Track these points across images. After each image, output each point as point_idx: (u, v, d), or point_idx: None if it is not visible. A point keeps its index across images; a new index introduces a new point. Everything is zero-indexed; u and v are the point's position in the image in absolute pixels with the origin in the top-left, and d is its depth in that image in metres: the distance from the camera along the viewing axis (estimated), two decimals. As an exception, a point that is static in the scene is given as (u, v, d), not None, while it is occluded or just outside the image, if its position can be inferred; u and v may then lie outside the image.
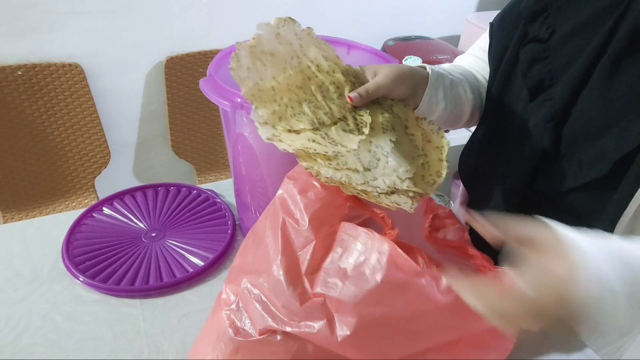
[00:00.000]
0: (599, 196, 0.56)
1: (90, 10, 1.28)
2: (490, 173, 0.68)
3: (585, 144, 0.55)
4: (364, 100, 0.55)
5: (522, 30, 0.62)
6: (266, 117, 0.54)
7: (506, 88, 0.65)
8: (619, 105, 0.52)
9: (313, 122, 0.54)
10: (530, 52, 0.60)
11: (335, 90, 0.56)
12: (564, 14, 0.58)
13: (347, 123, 0.55)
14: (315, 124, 0.54)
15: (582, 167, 0.55)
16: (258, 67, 0.56)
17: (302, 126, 0.53)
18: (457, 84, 0.68)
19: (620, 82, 0.52)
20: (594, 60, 0.54)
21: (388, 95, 0.58)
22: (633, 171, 0.52)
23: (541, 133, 0.58)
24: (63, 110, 1.35)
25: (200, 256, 0.78)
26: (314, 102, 0.55)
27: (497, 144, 0.67)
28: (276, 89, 0.56)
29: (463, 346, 0.53)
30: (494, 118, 0.68)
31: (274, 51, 0.57)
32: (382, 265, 0.47)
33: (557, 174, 0.58)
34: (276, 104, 0.55)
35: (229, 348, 0.53)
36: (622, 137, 0.52)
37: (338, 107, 0.55)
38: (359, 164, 0.51)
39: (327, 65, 0.57)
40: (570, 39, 0.57)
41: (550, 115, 0.57)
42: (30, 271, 0.75)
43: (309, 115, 0.54)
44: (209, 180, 1.59)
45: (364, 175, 0.51)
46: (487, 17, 1.61)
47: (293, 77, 0.56)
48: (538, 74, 0.59)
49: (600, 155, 0.53)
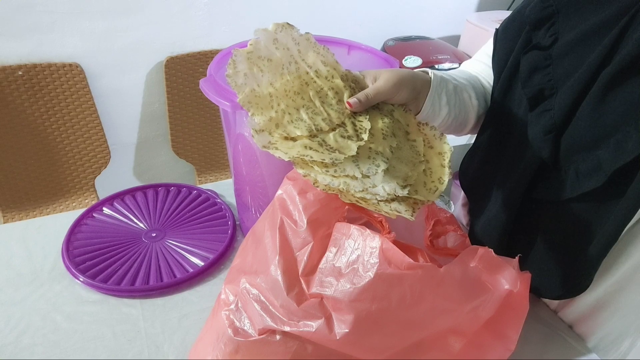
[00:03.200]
0: (598, 207, 0.55)
1: (90, 10, 1.28)
2: (490, 180, 0.68)
3: (582, 154, 0.55)
4: (363, 105, 0.55)
5: (526, 37, 0.61)
6: (263, 124, 0.53)
7: (507, 96, 0.65)
8: (616, 117, 0.51)
9: (311, 129, 0.53)
10: (530, 60, 0.59)
11: (334, 96, 0.55)
12: (569, 22, 0.57)
13: (346, 129, 0.54)
14: (313, 131, 0.52)
15: (579, 177, 0.55)
16: (255, 73, 0.55)
17: (299, 133, 0.52)
18: (462, 90, 0.67)
19: (619, 94, 0.51)
20: (596, 71, 0.53)
21: (388, 100, 0.57)
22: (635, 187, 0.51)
23: (540, 144, 0.57)
24: (63, 110, 1.35)
25: (200, 256, 0.78)
26: (312, 108, 0.54)
27: (497, 151, 0.67)
28: (273, 95, 0.55)
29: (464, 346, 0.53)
30: (496, 125, 0.68)
31: (272, 57, 0.56)
32: (374, 260, 0.47)
33: (556, 184, 0.57)
34: (273, 110, 0.54)
35: (229, 348, 0.53)
36: (618, 149, 0.51)
37: (337, 112, 0.54)
38: (357, 171, 0.50)
39: (325, 70, 0.56)
40: (572, 48, 0.56)
41: (550, 127, 0.57)
42: (31, 271, 0.75)
43: (307, 122, 0.53)
44: (209, 180, 1.59)
45: (363, 182, 0.50)
46: (487, 17, 1.61)
47: (291, 82, 0.55)
48: (538, 83, 0.58)
49: (596, 166, 0.53)
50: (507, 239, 0.66)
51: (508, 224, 0.64)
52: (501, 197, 0.65)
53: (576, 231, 0.58)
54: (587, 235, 0.57)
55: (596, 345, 0.66)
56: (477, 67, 0.75)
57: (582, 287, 0.60)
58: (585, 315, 0.66)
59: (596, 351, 0.66)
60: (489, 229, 0.68)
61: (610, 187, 0.53)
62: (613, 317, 0.63)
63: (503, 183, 0.65)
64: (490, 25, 1.53)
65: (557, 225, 0.60)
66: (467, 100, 0.67)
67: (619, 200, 0.53)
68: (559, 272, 0.61)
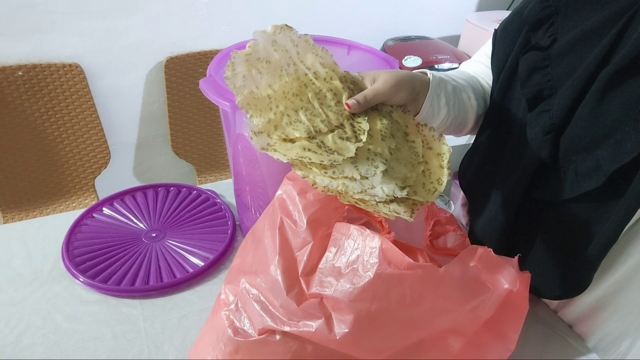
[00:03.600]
0: (597, 207, 0.55)
1: (90, 10, 1.28)
2: (489, 180, 0.68)
3: (581, 155, 0.54)
4: (362, 107, 0.55)
5: (525, 37, 0.61)
6: (261, 126, 0.53)
7: (507, 96, 0.65)
8: (615, 118, 0.51)
9: (309, 130, 0.53)
10: (529, 61, 0.59)
11: (332, 98, 0.55)
12: (568, 22, 0.57)
13: (345, 130, 0.54)
14: (312, 132, 0.53)
15: (579, 177, 0.55)
16: (254, 75, 0.55)
17: (298, 134, 0.52)
18: (461, 90, 0.67)
19: (618, 94, 0.51)
20: (594, 71, 0.53)
21: (387, 101, 0.57)
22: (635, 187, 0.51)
23: (539, 144, 0.57)
24: (63, 111, 1.35)
25: (200, 256, 0.78)
26: (310, 110, 0.54)
27: (497, 152, 0.67)
28: (272, 97, 0.55)
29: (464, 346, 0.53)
30: (495, 126, 0.68)
31: (270, 59, 0.56)
32: (374, 260, 0.47)
33: (555, 184, 0.57)
34: (272, 112, 0.54)
35: (229, 348, 0.53)
36: (618, 149, 0.51)
37: (335, 114, 0.54)
38: (356, 173, 0.50)
39: (324, 72, 0.56)
40: (571, 48, 0.56)
41: (549, 128, 0.57)
42: (31, 271, 0.75)
43: (305, 123, 0.53)
44: (209, 180, 1.59)
45: (362, 183, 0.50)
46: (487, 17, 1.61)
47: (289, 84, 0.55)
48: (537, 83, 0.58)
49: (595, 166, 0.53)
50: (506, 239, 0.66)
51: (507, 224, 0.64)
52: (501, 197, 0.65)
53: (576, 231, 0.58)
54: (587, 236, 0.57)
55: (596, 345, 0.66)
56: (476, 68, 0.75)
57: (582, 287, 0.60)
58: (585, 315, 0.66)
59: (596, 351, 0.66)
60: (489, 229, 0.68)
61: (609, 188, 0.53)
62: (613, 317, 0.63)
63: (502, 183, 0.65)
64: (490, 25, 1.53)
65: (557, 225, 0.60)
66: (467, 101, 0.67)
67: (619, 200, 0.53)
68: (559, 273, 0.61)
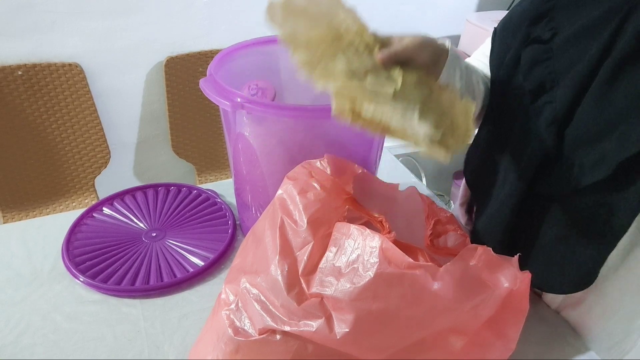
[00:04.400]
0: (602, 199, 0.55)
1: (90, 10, 1.28)
2: (493, 174, 0.68)
3: (586, 147, 0.55)
4: (392, 59, 0.57)
5: (526, 32, 0.62)
6: (302, 63, 0.56)
7: (508, 89, 0.65)
8: (620, 109, 0.52)
9: (348, 72, 0.56)
10: (531, 54, 0.60)
11: (365, 48, 0.58)
12: (568, 16, 0.57)
13: (380, 75, 0.57)
14: (350, 74, 0.56)
15: (584, 170, 0.55)
16: (291, 22, 0.58)
17: (340, 69, 0.56)
18: (472, 72, 0.68)
19: (622, 86, 0.52)
20: (597, 63, 0.53)
21: (413, 57, 0.59)
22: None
23: (543, 136, 0.58)
24: (63, 110, 1.35)
25: (200, 256, 0.78)
26: (347, 55, 0.57)
27: (500, 145, 0.67)
28: (310, 42, 0.58)
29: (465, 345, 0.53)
30: (495, 121, 0.68)
31: (306, 9, 0.59)
32: (374, 260, 0.47)
33: (559, 177, 0.58)
34: (311, 54, 0.57)
35: (229, 348, 0.53)
36: (623, 141, 0.51)
37: (371, 62, 0.57)
38: (396, 111, 0.53)
39: (355, 27, 0.59)
40: (572, 41, 0.56)
41: (552, 119, 0.57)
42: (31, 271, 0.75)
43: (344, 66, 0.56)
44: (209, 180, 1.59)
45: (403, 118, 0.53)
46: (487, 17, 1.61)
47: (325, 35, 0.58)
48: (539, 75, 0.59)
49: (600, 158, 0.53)
50: (510, 234, 0.66)
51: (511, 218, 0.64)
52: (504, 192, 0.65)
53: (581, 225, 0.58)
54: (593, 229, 0.57)
55: (596, 345, 0.66)
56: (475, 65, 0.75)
57: (588, 281, 0.60)
58: (585, 315, 0.66)
59: (596, 351, 0.66)
60: (492, 224, 0.68)
61: (615, 180, 0.53)
62: (613, 317, 0.63)
63: (506, 176, 0.65)
64: (490, 25, 1.53)
65: (562, 219, 0.60)
66: (475, 84, 0.68)
67: (625, 193, 0.53)
68: (564, 267, 0.61)
